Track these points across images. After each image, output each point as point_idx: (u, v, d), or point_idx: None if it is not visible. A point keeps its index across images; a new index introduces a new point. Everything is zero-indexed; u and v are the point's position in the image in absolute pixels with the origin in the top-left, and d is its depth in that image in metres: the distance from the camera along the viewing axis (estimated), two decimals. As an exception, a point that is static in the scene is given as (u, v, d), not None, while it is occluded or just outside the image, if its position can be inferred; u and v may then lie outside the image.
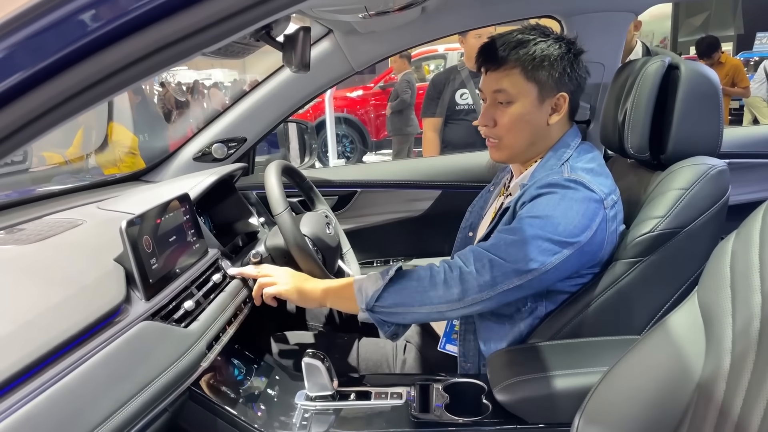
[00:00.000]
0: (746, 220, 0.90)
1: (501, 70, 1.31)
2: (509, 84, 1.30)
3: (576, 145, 1.36)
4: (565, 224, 1.21)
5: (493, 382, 1.22)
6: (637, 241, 1.27)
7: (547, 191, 1.25)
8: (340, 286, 1.38)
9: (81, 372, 0.87)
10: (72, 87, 0.48)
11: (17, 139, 0.47)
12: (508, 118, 1.32)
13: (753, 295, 0.82)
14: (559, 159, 1.33)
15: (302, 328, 1.79)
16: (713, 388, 0.84)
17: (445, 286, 1.24)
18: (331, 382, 1.25)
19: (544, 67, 1.28)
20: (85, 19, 0.48)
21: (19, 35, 0.47)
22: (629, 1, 1.88)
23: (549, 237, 1.20)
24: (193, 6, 0.48)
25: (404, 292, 1.27)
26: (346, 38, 1.94)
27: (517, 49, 1.29)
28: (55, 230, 1.27)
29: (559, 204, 1.22)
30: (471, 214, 1.65)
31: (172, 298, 1.17)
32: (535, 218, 1.22)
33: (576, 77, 1.33)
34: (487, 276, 1.21)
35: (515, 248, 1.21)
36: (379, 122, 8.72)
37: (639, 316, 1.32)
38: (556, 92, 1.31)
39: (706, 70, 1.38)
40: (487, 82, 1.35)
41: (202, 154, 2.06)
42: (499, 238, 1.25)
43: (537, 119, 1.33)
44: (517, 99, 1.31)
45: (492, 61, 1.33)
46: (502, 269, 1.21)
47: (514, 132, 1.34)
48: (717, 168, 1.31)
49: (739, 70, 6.75)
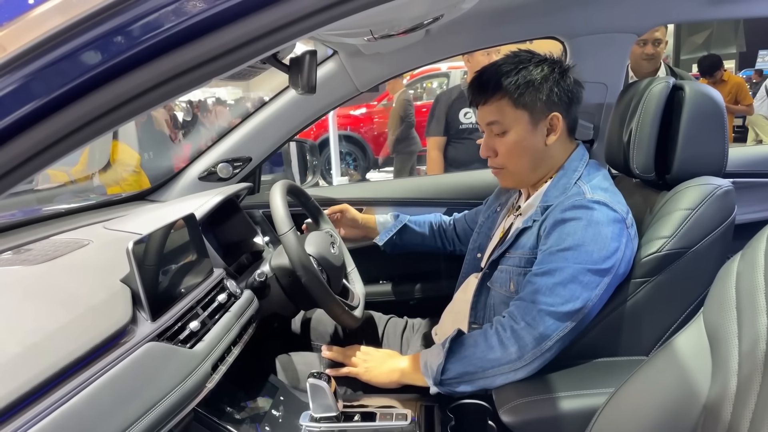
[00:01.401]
0: (751, 242, 0.90)
1: (490, 103, 1.36)
2: (499, 115, 1.35)
3: (585, 163, 1.38)
4: (598, 251, 1.21)
5: (498, 403, 1.22)
6: (644, 261, 1.27)
7: (572, 216, 1.24)
8: (411, 364, 1.38)
9: (87, 394, 0.87)
10: (86, 115, 0.49)
11: (33, 165, 0.48)
12: (505, 147, 1.37)
13: (759, 316, 0.82)
14: (570, 178, 1.35)
15: (307, 348, 1.79)
16: (720, 410, 0.84)
17: (502, 348, 1.23)
18: (336, 403, 1.24)
19: (529, 92, 1.32)
20: (98, 49, 0.49)
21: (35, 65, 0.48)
22: (631, 22, 1.89)
23: (588, 268, 1.20)
24: (209, 35, 0.49)
25: (465, 361, 1.26)
26: (351, 59, 1.96)
27: (501, 80, 1.33)
28: (62, 250, 1.28)
29: (587, 230, 1.22)
30: (479, 235, 1.64)
31: (177, 319, 1.17)
32: (567, 251, 1.22)
33: (565, 95, 1.35)
34: (541, 327, 1.20)
35: (559, 290, 1.20)
36: (382, 140, 8.74)
37: (646, 337, 1.32)
38: (547, 113, 1.34)
39: (710, 91, 1.39)
40: (480, 116, 1.41)
41: (208, 173, 2.07)
42: (540, 283, 1.23)
43: (534, 143, 1.35)
44: (510, 127, 1.35)
45: (480, 95, 1.38)
46: (553, 316, 1.20)
47: (514, 159, 1.37)
48: (723, 188, 1.31)
49: (742, 87, 6.76)
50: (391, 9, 0.59)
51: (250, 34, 0.50)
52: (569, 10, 1.87)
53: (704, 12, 1.87)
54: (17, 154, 0.48)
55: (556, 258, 1.22)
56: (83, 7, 0.49)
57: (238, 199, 1.90)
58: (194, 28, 0.50)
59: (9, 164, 0.49)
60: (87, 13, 0.49)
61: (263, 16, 0.53)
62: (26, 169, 0.49)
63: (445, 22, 1.45)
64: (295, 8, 0.53)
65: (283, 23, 0.55)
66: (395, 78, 7.06)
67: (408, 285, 2.22)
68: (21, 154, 0.48)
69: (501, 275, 1.39)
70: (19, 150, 0.48)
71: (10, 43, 0.49)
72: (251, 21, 0.53)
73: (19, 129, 0.48)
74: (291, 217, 1.50)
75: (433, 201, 2.21)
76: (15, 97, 0.48)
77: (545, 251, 1.25)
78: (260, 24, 0.53)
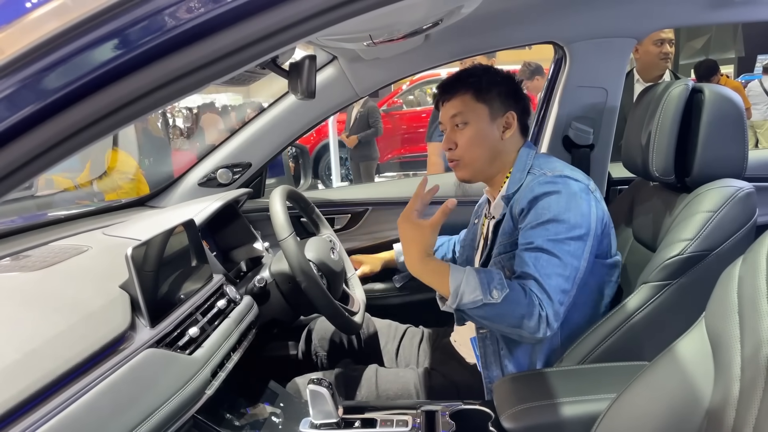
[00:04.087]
0: (752, 246, 0.90)
1: (455, 97, 1.48)
2: (463, 106, 1.47)
3: (534, 155, 1.48)
4: (574, 219, 1.29)
5: (499, 409, 1.21)
6: (666, 264, 1.27)
7: (542, 191, 1.33)
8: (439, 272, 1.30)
9: (86, 400, 0.87)
10: (84, 119, 0.49)
11: (30, 169, 0.48)
12: (466, 137, 1.47)
13: (761, 321, 0.81)
14: (522, 170, 1.45)
15: (307, 356, 1.78)
16: (723, 415, 0.83)
17: (538, 321, 1.25)
18: (336, 410, 1.24)
19: (491, 90, 1.46)
20: (97, 52, 0.49)
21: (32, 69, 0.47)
22: (630, 27, 1.90)
23: (570, 236, 1.28)
24: (205, 39, 0.49)
25: (496, 311, 1.25)
26: (350, 65, 1.96)
27: (468, 78, 1.48)
28: (61, 257, 1.27)
29: (559, 202, 1.31)
30: (464, 248, 1.71)
31: (176, 325, 1.16)
32: (548, 223, 1.30)
33: (519, 100, 1.50)
34: (554, 305, 1.26)
35: (552, 260, 1.27)
36: (381, 145, 8.76)
37: (670, 340, 1.31)
38: (505, 111, 1.47)
39: (729, 93, 1.39)
40: (444, 112, 1.51)
41: (207, 179, 2.07)
42: (530, 258, 1.29)
43: (492, 135, 1.47)
44: (470, 119, 1.46)
45: (445, 93, 1.51)
46: (560, 295, 1.26)
47: (472, 149, 1.47)
48: (744, 190, 1.31)
49: (740, 92, 6.79)
50: (390, 13, 0.59)
51: (248, 37, 0.50)
52: (568, 14, 1.88)
53: (703, 16, 1.88)
54: (14, 158, 0.48)
55: (539, 231, 1.30)
56: (81, 10, 0.49)
57: (237, 205, 1.90)
58: (193, 32, 0.50)
59: (6, 168, 0.48)
60: (84, 17, 0.49)
61: (261, 20, 0.53)
62: (23, 173, 0.48)
63: (444, 27, 1.45)
64: (294, 11, 0.53)
65: (281, 27, 0.54)
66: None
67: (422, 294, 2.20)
68: (18, 158, 0.48)
69: (494, 268, 1.40)
70: (16, 154, 0.48)
71: (7, 46, 0.49)
72: (249, 25, 0.53)
73: (15, 133, 0.48)
74: (291, 222, 1.50)
75: (436, 199, 2.21)
76: (11, 100, 0.48)
77: (527, 227, 1.33)
78: (258, 28, 0.53)
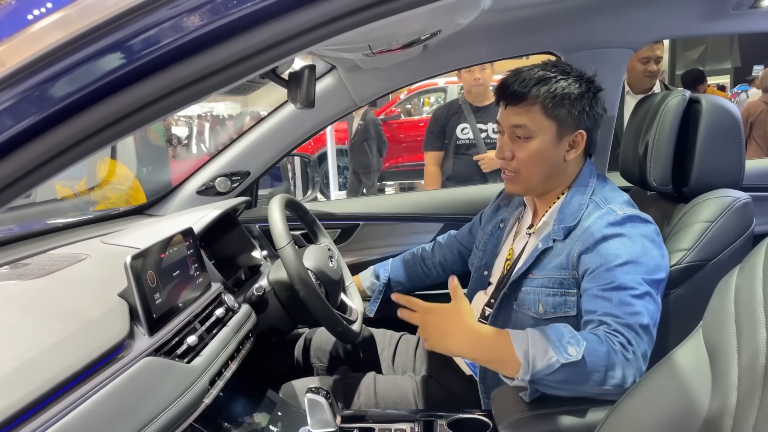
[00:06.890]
0: (749, 255, 0.91)
1: (521, 106, 1.31)
2: (529, 120, 1.31)
3: (595, 178, 1.37)
4: (652, 263, 1.19)
5: (498, 418, 1.21)
6: None
7: (613, 233, 1.22)
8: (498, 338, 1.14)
9: (84, 409, 0.87)
10: (84, 130, 0.49)
11: (30, 180, 0.48)
12: (526, 153, 1.33)
13: (758, 330, 0.82)
14: (584, 194, 1.33)
15: (307, 364, 1.78)
16: (720, 424, 0.83)
17: (623, 368, 1.10)
18: (334, 419, 1.23)
19: (564, 105, 1.29)
20: (100, 63, 0.49)
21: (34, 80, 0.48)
22: (627, 38, 1.91)
23: (649, 279, 1.17)
24: (207, 50, 0.50)
25: (578, 370, 1.09)
26: (349, 74, 1.97)
27: (539, 86, 1.29)
28: (59, 265, 1.27)
29: (635, 244, 1.20)
30: (484, 253, 1.57)
31: (175, 333, 1.16)
32: (626, 264, 1.17)
33: (594, 115, 1.33)
34: (644, 344, 1.13)
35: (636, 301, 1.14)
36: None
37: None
38: (574, 130, 1.32)
39: (726, 104, 1.40)
40: (506, 116, 1.35)
41: (206, 187, 2.07)
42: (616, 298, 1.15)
43: (555, 155, 1.33)
44: (536, 135, 1.31)
45: (512, 96, 1.32)
46: (648, 335, 1.14)
47: (531, 167, 1.34)
48: (741, 200, 1.32)
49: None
50: (390, 24, 0.60)
51: (248, 49, 0.51)
52: (566, 25, 1.89)
53: (699, 27, 1.89)
54: (15, 168, 0.48)
55: (618, 272, 1.17)
56: (83, 22, 0.49)
57: (236, 214, 1.90)
58: (194, 43, 0.51)
59: (7, 179, 0.49)
60: (86, 29, 0.49)
61: (262, 32, 0.54)
62: (24, 183, 0.49)
63: (443, 38, 1.46)
64: (294, 24, 0.54)
65: (282, 39, 0.55)
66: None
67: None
68: (19, 168, 0.48)
69: (528, 296, 1.33)
70: (17, 165, 0.48)
71: (9, 58, 0.50)
72: (250, 36, 0.54)
73: (17, 144, 0.48)
74: (289, 231, 1.50)
75: (430, 216, 2.21)
76: (13, 112, 0.48)
77: (600, 269, 1.20)
78: (259, 39, 0.54)
